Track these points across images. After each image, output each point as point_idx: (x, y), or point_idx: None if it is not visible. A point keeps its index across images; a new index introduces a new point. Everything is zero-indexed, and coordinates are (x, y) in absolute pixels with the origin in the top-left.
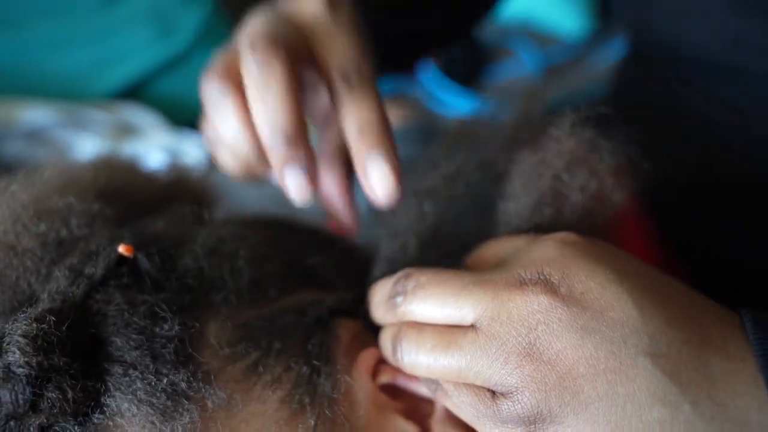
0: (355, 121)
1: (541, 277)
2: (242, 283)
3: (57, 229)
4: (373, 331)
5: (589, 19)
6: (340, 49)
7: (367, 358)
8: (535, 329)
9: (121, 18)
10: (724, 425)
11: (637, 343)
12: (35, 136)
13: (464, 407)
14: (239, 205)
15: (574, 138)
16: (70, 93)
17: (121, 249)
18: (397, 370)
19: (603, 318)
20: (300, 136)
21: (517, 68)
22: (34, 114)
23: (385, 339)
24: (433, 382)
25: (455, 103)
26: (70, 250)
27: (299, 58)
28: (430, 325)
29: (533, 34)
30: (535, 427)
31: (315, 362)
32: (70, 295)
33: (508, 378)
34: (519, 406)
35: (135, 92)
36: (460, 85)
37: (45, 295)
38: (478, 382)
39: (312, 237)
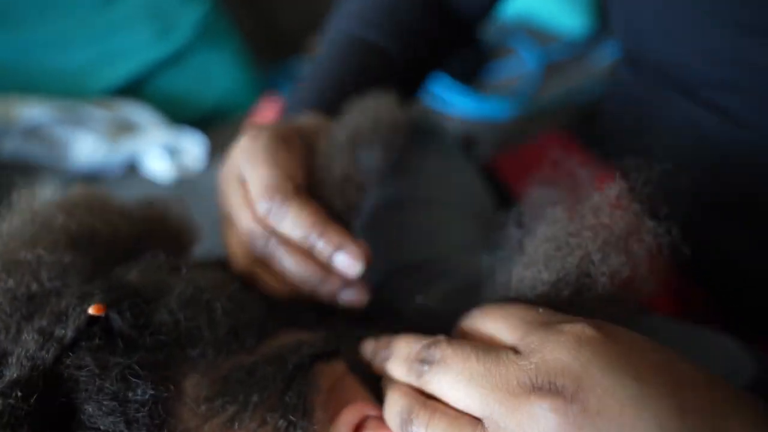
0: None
1: (553, 387)
2: (220, 335)
3: (27, 283)
4: (359, 369)
5: (589, 17)
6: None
7: (351, 414)
8: None
9: (121, 16)
10: None
11: None
12: (33, 133)
13: None
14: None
15: (617, 210)
16: (69, 90)
17: (92, 310)
18: (381, 428)
19: None
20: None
21: (518, 66)
22: (33, 111)
23: (395, 408)
24: None
25: (457, 102)
26: (41, 306)
27: None
28: (442, 409)
29: (534, 32)
30: None
31: (291, 417)
32: (40, 361)
33: None
34: None
35: (134, 90)
36: (461, 83)
37: (14, 360)
38: None
39: None
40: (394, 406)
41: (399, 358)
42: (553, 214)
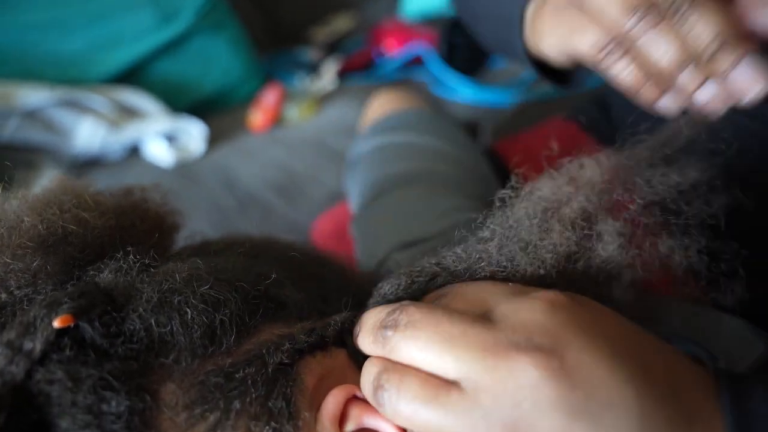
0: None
1: (531, 344)
2: (194, 338)
3: None
4: (357, 357)
5: None
6: None
7: (330, 405)
8: (520, 405)
9: (121, 0)
10: None
11: (628, 425)
12: (34, 116)
13: None
14: (200, 210)
15: (602, 173)
16: (68, 75)
17: (60, 321)
18: (365, 411)
19: (594, 398)
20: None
21: None
22: (33, 96)
23: (367, 377)
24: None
25: (461, 89)
26: (10, 317)
27: None
28: (414, 372)
29: None
30: None
31: (275, 423)
32: (9, 376)
33: None
34: None
35: (134, 75)
36: (462, 72)
37: None
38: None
39: (281, 262)
40: (365, 376)
41: (365, 328)
42: (538, 182)
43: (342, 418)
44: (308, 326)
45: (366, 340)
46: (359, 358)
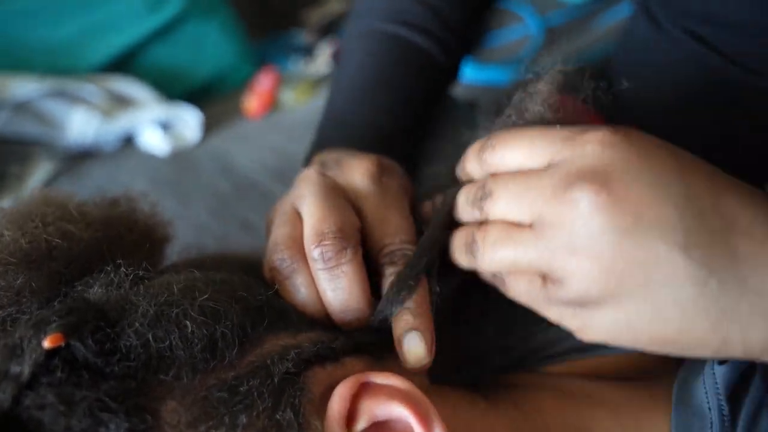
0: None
1: (585, 187)
2: (195, 352)
3: None
4: (372, 351)
5: None
6: (384, 230)
7: (335, 405)
8: (577, 232)
9: None
10: (744, 296)
11: (672, 239)
12: (25, 108)
13: (519, 292)
14: (197, 199)
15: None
16: (58, 64)
17: (50, 341)
18: (376, 401)
19: (642, 219)
20: (366, 314)
21: (521, 31)
22: (23, 87)
23: (459, 243)
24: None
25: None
26: None
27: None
28: (497, 224)
29: None
30: (581, 309)
31: None
32: None
33: (556, 271)
34: (563, 292)
35: (126, 63)
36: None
37: None
38: (532, 271)
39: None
40: (457, 242)
41: (462, 205)
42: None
43: (352, 416)
44: (315, 336)
45: (466, 214)
46: (383, 360)
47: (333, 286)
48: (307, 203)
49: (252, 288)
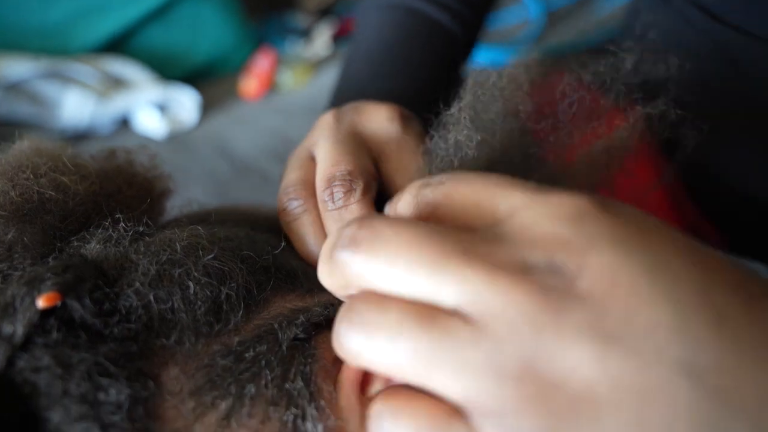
0: None
1: (553, 266)
2: (198, 315)
3: None
4: None
5: None
6: (406, 175)
7: (349, 370)
8: (541, 335)
9: None
10: None
11: (676, 355)
12: (18, 89)
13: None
14: (195, 181)
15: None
16: (52, 46)
17: (44, 300)
18: None
19: (632, 323)
20: None
21: (521, 14)
22: (17, 68)
23: (338, 326)
24: None
25: None
26: None
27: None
28: (394, 301)
29: None
30: None
31: (295, 408)
32: None
33: (498, 394)
34: None
35: (121, 45)
36: None
37: None
38: (448, 388)
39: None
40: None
41: (321, 257)
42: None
43: (366, 380)
44: (325, 298)
45: (322, 271)
46: None
47: (340, 226)
48: (321, 147)
49: (259, 245)
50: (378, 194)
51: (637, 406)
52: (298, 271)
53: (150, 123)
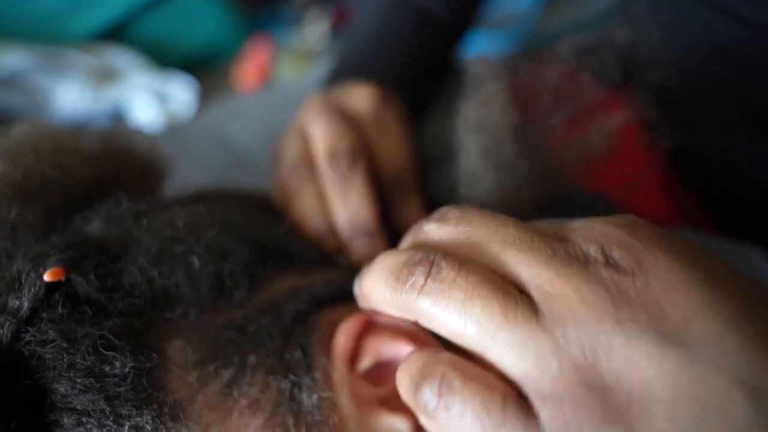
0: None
1: (610, 259)
2: (201, 290)
3: None
4: None
5: None
6: (387, 156)
7: (340, 342)
8: (601, 324)
9: None
10: None
11: (735, 370)
12: (12, 82)
13: (467, 411)
14: (192, 174)
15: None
16: (47, 34)
17: (50, 274)
18: (383, 339)
19: (690, 329)
20: (374, 231)
21: (512, 1)
22: (10, 58)
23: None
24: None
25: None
26: None
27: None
28: (475, 263)
29: None
30: None
31: (293, 376)
32: None
33: (558, 377)
34: (555, 424)
35: (116, 34)
36: None
37: None
38: (509, 362)
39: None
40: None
41: (377, 279)
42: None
43: (357, 354)
44: (325, 276)
45: (378, 292)
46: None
47: (343, 199)
48: (317, 124)
49: (259, 224)
50: None
51: (691, 409)
52: (298, 251)
53: (146, 114)
